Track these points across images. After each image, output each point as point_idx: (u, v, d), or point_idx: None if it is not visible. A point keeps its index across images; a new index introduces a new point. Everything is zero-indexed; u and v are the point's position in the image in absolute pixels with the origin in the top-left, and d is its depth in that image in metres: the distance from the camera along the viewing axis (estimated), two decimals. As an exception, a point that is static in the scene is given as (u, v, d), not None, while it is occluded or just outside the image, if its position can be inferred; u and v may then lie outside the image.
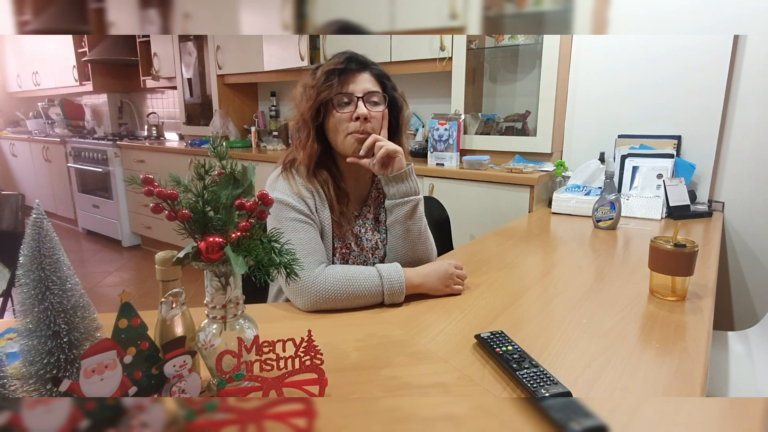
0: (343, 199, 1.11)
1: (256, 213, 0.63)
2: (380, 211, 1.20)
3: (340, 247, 1.13)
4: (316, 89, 1.05)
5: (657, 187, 1.87)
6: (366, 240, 1.17)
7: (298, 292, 0.94)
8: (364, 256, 1.16)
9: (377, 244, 1.18)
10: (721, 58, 1.85)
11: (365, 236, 1.17)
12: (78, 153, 4.23)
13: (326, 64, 1.08)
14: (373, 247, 1.18)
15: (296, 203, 1.03)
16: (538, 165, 2.14)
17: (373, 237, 1.18)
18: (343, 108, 1.05)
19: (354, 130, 1.05)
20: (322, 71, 1.06)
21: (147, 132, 4.39)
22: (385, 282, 0.96)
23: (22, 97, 5.59)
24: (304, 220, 1.03)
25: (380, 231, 1.19)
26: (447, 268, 1.04)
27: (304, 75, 1.12)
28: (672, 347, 0.81)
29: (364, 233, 1.17)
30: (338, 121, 1.06)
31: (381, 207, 1.20)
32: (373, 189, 1.20)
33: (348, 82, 1.06)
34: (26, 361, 0.54)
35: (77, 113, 5.08)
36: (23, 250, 0.54)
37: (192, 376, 0.59)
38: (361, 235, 1.16)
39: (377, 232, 1.19)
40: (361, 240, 1.16)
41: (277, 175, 1.10)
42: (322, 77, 1.05)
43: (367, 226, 1.18)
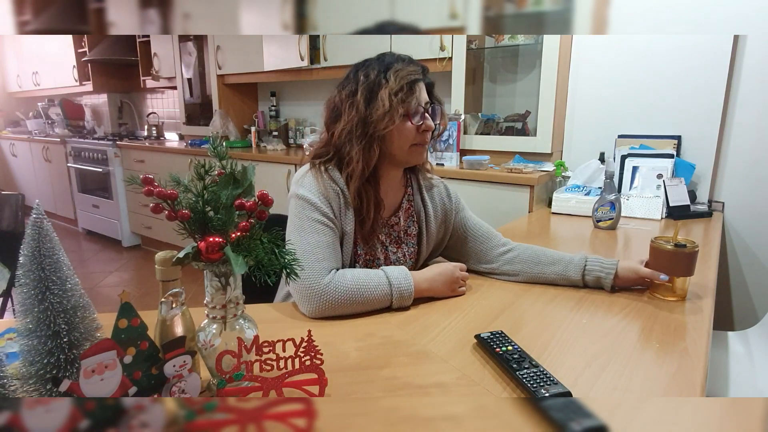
0: (379, 212, 1.07)
1: (256, 213, 0.63)
2: (409, 224, 1.16)
3: (364, 253, 1.09)
4: (399, 98, 0.99)
5: (657, 187, 1.87)
6: (391, 252, 1.13)
7: (307, 298, 0.91)
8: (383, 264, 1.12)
9: (406, 255, 1.15)
10: (721, 58, 1.85)
11: (390, 247, 1.14)
12: (78, 153, 4.23)
13: (401, 70, 1.01)
14: (400, 258, 1.14)
15: (321, 204, 0.99)
16: (538, 165, 2.14)
17: (399, 249, 1.15)
18: (414, 119, 1.03)
19: (418, 141, 1.04)
20: (401, 79, 1.00)
21: (147, 132, 4.38)
22: (394, 289, 0.94)
23: (22, 97, 5.59)
24: (325, 223, 0.99)
25: (407, 244, 1.15)
26: (453, 272, 1.03)
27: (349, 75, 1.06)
28: (672, 347, 0.81)
29: (390, 244, 1.14)
30: (407, 131, 1.02)
31: (411, 219, 1.16)
32: (405, 200, 1.15)
33: (418, 91, 1.03)
34: (26, 361, 0.54)
35: (77, 113, 5.08)
36: (23, 250, 0.54)
37: (192, 376, 0.59)
38: (387, 245, 1.13)
39: (404, 245, 1.15)
40: (387, 249, 1.13)
41: (306, 170, 1.05)
42: (405, 86, 1.00)
43: (392, 237, 1.14)
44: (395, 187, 1.14)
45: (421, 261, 1.19)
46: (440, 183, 1.21)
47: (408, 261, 1.16)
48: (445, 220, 1.18)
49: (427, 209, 1.15)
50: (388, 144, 1.03)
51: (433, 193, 1.18)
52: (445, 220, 1.18)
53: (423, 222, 1.15)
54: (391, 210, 1.14)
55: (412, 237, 1.16)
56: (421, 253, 1.17)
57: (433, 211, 1.16)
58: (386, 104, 0.99)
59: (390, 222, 1.13)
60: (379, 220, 1.08)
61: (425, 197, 1.16)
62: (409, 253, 1.16)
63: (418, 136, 1.03)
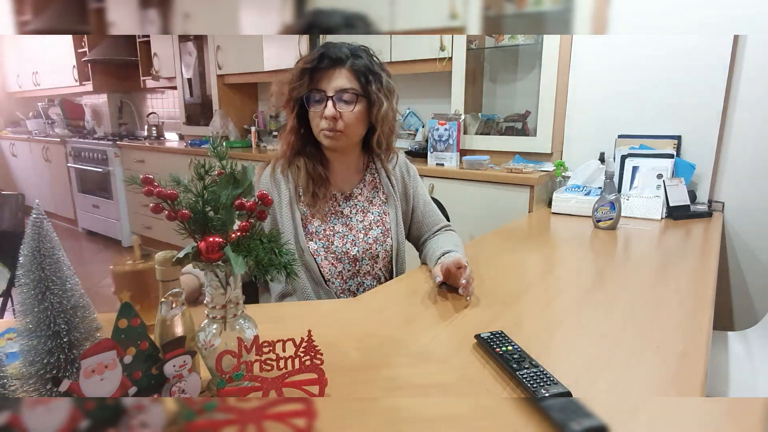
0: (319, 182, 1.15)
1: (256, 213, 0.63)
2: (375, 195, 1.24)
3: (324, 229, 1.17)
4: (287, 86, 1.10)
5: (657, 187, 1.87)
6: (356, 221, 1.19)
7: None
8: (353, 236, 1.19)
9: (373, 223, 1.21)
10: (721, 58, 1.85)
11: (356, 217, 1.20)
12: (78, 153, 4.23)
13: (302, 60, 1.10)
14: (367, 227, 1.20)
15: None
16: (538, 165, 2.14)
17: (366, 218, 1.21)
18: (315, 106, 1.09)
19: (324, 128, 1.09)
20: (296, 68, 1.10)
21: (147, 132, 4.38)
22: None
23: (22, 97, 5.59)
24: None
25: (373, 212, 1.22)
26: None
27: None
28: (672, 347, 0.81)
29: (355, 214, 1.20)
30: (313, 118, 1.11)
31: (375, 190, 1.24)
32: (368, 173, 1.24)
33: (321, 79, 1.08)
34: (26, 361, 0.54)
35: (77, 113, 5.08)
36: (23, 250, 0.53)
37: (192, 376, 0.59)
38: (351, 216, 1.19)
39: (370, 214, 1.21)
40: (350, 220, 1.19)
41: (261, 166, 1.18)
42: (296, 75, 1.09)
43: (358, 207, 1.21)
44: (352, 167, 1.22)
45: (398, 221, 1.25)
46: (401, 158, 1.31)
47: (383, 224, 1.22)
48: (405, 190, 1.28)
49: (390, 178, 1.25)
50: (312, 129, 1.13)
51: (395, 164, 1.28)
52: (404, 189, 1.28)
53: (389, 186, 1.25)
54: (352, 185, 1.22)
55: (378, 205, 1.24)
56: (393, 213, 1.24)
57: (395, 179, 1.26)
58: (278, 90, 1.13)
59: (354, 194, 1.22)
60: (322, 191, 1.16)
61: (388, 169, 1.26)
62: (377, 219, 1.22)
63: (324, 122, 1.08)
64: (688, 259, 1.33)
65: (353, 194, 1.21)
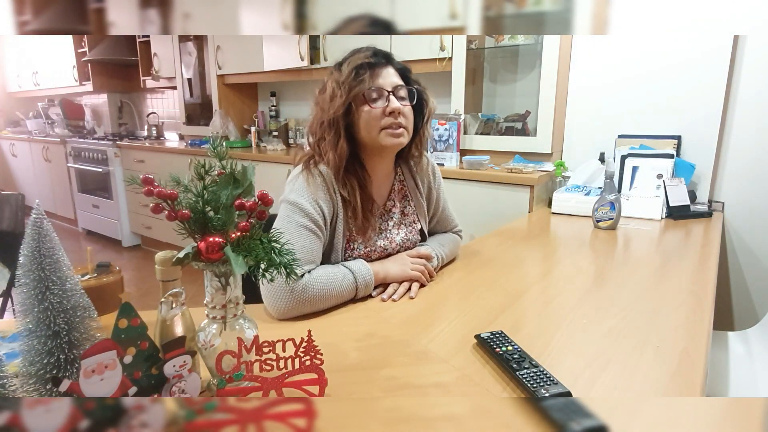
0: (368, 204, 1.08)
1: (256, 213, 0.63)
2: (405, 204, 1.20)
3: (364, 247, 1.11)
4: (347, 85, 1.00)
5: (657, 187, 1.87)
6: (394, 234, 1.16)
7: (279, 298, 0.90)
8: (391, 249, 1.15)
9: (407, 233, 1.18)
10: (721, 58, 1.85)
11: (392, 230, 1.17)
12: (78, 153, 4.23)
13: (352, 58, 1.04)
14: (404, 239, 1.17)
15: (311, 209, 0.99)
16: (538, 165, 2.14)
17: (399, 231, 1.17)
18: (375, 103, 1.02)
19: (388, 125, 1.02)
20: (350, 66, 1.02)
21: (147, 132, 4.38)
22: (359, 278, 0.98)
23: (22, 97, 5.58)
24: (311, 228, 0.99)
25: (407, 224, 1.19)
26: (403, 256, 1.10)
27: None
28: (672, 347, 0.81)
29: (392, 227, 1.17)
30: (371, 117, 1.02)
31: (406, 200, 1.20)
32: (396, 181, 1.18)
33: (377, 76, 1.03)
34: (26, 361, 0.54)
35: (77, 113, 5.07)
36: (23, 250, 0.54)
37: (192, 376, 0.59)
38: (389, 229, 1.16)
39: (404, 226, 1.18)
40: (390, 234, 1.16)
41: (298, 173, 1.05)
42: (351, 72, 1.01)
43: (394, 220, 1.17)
44: (386, 176, 1.16)
45: (425, 231, 1.24)
46: (431, 160, 1.26)
47: (412, 236, 1.20)
48: (429, 194, 1.25)
49: (418, 183, 1.21)
50: (357, 132, 1.05)
51: (425, 165, 1.23)
52: (429, 193, 1.25)
53: (416, 194, 1.21)
54: (385, 197, 1.17)
55: (410, 216, 1.20)
56: (422, 224, 1.22)
57: (422, 184, 1.22)
58: (331, 92, 1.02)
59: (387, 207, 1.17)
60: (370, 210, 1.09)
61: (415, 176, 1.21)
62: (410, 229, 1.20)
63: (387, 119, 1.02)
64: (688, 259, 1.33)
65: (388, 207, 1.17)
